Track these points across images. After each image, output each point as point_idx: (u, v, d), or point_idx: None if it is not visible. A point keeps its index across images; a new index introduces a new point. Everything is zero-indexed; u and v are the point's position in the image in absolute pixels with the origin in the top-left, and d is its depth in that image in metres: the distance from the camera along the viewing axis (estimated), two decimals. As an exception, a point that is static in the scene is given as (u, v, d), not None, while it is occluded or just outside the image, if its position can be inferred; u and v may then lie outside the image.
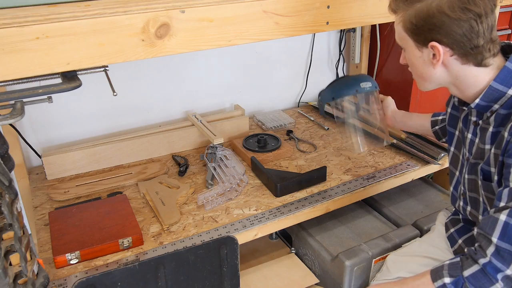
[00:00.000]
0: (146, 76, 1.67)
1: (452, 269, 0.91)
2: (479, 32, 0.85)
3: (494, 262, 0.86)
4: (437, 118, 1.33)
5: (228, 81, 1.87)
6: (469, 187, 1.05)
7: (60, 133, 1.61)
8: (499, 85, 0.91)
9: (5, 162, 0.78)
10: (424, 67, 0.94)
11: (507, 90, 0.90)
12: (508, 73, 0.90)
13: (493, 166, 0.94)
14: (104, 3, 0.91)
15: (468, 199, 1.07)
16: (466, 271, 0.89)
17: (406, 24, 0.91)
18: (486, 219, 0.89)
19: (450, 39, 0.87)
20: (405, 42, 0.95)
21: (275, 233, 1.57)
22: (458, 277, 0.89)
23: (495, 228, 0.87)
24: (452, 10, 0.84)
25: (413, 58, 0.95)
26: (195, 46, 0.93)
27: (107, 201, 1.34)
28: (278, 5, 1.00)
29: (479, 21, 0.85)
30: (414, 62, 0.96)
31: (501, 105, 0.92)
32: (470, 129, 1.03)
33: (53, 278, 1.08)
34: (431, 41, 0.89)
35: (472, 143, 1.02)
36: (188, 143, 1.68)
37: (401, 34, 0.95)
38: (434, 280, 0.92)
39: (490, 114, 0.94)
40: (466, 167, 1.05)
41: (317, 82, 2.11)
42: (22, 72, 0.79)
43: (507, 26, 2.04)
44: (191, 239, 1.20)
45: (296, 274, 1.39)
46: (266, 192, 1.40)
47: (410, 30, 0.91)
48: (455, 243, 1.16)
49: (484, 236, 0.89)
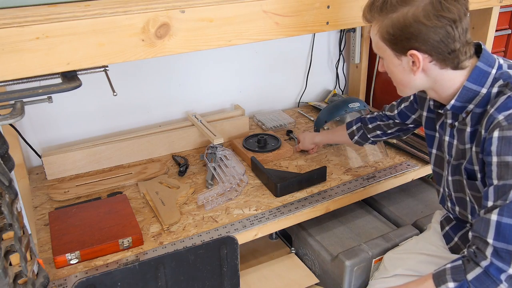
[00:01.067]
0: (146, 76, 1.67)
1: (455, 273, 0.91)
2: (455, 36, 0.87)
3: (496, 263, 0.86)
4: (352, 129, 1.42)
5: (228, 81, 1.87)
6: (454, 188, 1.06)
7: (60, 133, 1.61)
8: (472, 85, 0.93)
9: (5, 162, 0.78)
10: (404, 74, 0.95)
11: (480, 89, 0.92)
12: (480, 72, 0.92)
13: (475, 164, 0.95)
14: (104, 3, 0.91)
15: (455, 200, 1.08)
16: (469, 274, 0.89)
17: (383, 34, 0.92)
18: (479, 221, 0.90)
19: (428, 46, 0.88)
20: (383, 51, 0.95)
21: (275, 233, 1.57)
22: (463, 282, 0.89)
23: (489, 229, 0.87)
24: (427, 19, 0.85)
25: (392, 66, 0.96)
26: (195, 46, 0.93)
27: (107, 201, 1.33)
28: (278, 5, 1.00)
29: (454, 26, 0.86)
30: (394, 70, 0.97)
31: (475, 104, 0.93)
32: (447, 132, 1.04)
33: (53, 278, 1.08)
34: (410, 50, 0.90)
35: (450, 145, 1.04)
36: (188, 143, 1.68)
37: (378, 44, 0.95)
38: (438, 285, 0.92)
39: (465, 115, 0.96)
40: (448, 169, 1.06)
41: (317, 82, 2.11)
42: (22, 72, 0.79)
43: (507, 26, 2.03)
44: (191, 239, 1.20)
45: (296, 274, 1.39)
46: (266, 192, 1.40)
47: (388, 40, 0.92)
48: (451, 241, 1.17)
49: (480, 239, 0.89)
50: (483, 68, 0.92)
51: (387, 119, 1.33)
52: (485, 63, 0.93)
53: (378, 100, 2.09)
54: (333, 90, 2.13)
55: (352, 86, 2.15)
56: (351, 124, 1.42)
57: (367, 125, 1.38)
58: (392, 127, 1.33)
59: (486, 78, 0.92)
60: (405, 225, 1.45)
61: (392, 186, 1.51)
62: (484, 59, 0.93)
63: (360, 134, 1.40)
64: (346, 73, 2.17)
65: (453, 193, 1.08)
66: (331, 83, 2.17)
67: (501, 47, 2.11)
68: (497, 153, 0.86)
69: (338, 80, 2.15)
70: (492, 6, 1.50)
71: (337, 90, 2.17)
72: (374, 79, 2.06)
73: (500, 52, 2.12)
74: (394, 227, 1.45)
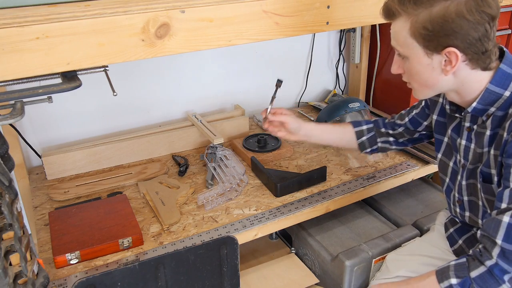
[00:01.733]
0: (146, 76, 1.67)
1: (458, 270, 0.91)
2: (490, 35, 0.84)
3: (501, 264, 0.86)
4: (361, 128, 1.28)
5: (228, 81, 1.87)
6: (468, 191, 1.04)
7: (60, 133, 1.61)
8: (495, 87, 0.90)
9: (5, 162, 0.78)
10: (432, 75, 0.90)
11: (503, 92, 0.90)
12: (503, 75, 0.90)
13: (493, 168, 0.93)
14: (104, 3, 0.91)
15: (467, 205, 1.06)
16: (473, 272, 0.89)
17: (418, 29, 0.85)
18: (489, 221, 0.89)
19: (466, 44, 0.84)
20: (410, 49, 0.89)
21: (275, 233, 1.57)
22: (465, 278, 0.89)
23: (499, 230, 0.86)
24: (471, 13, 0.81)
25: (419, 66, 0.90)
26: (195, 46, 0.93)
27: (107, 201, 1.33)
28: (278, 5, 1.00)
29: (492, 23, 0.83)
30: (420, 70, 0.91)
31: (497, 107, 0.91)
32: (463, 135, 1.01)
33: (53, 278, 1.08)
34: (447, 47, 0.84)
35: (467, 149, 1.01)
36: (188, 143, 1.68)
37: (406, 41, 0.88)
38: (440, 280, 0.91)
39: (486, 118, 0.93)
40: (462, 174, 1.04)
41: (317, 82, 2.11)
42: (22, 72, 0.79)
43: (507, 26, 2.03)
44: (191, 239, 1.20)
45: (296, 274, 1.39)
46: (266, 192, 1.40)
47: (422, 36, 0.85)
48: (455, 243, 1.16)
49: (488, 238, 0.88)
50: (507, 71, 0.90)
51: (398, 127, 1.26)
52: (509, 66, 0.90)
53: (378, 100, 2.09)
54: (333, 90, 2.13)
55: (352, 86, 2.15)
56: (360, 124, 1.30)
57: (380, 128, 1.29)
58: (404, 136, 1.26)
59: (510, 81, 0.89)
60: (405, 225, 1.45)
61: (392, 186, 1.51)
62: (508, 62, 0.90)
63: (370, 136, 1.28)
64: (346, 73, 2.17)
65: (465, 198, 1.06)
66: (331, 83, 2.17)
67: (501, 47, 2.11)
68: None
69: (338, 80, 2.15)
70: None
71: (337, 90, 2.17)
72: (374, 79, 2.05)
73: (500, 52, 2.12)
74: (394, 227, 1.45)
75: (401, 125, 1.26)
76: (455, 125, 1.05)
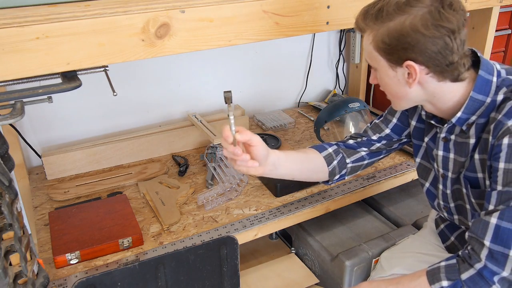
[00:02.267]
0: (146, 76, 1.67)
1: (449, 272, 0.91)
2: (453, 48, 0.84)
3: (490, 266, 0.86)
4: (328, 151, 1.13)
5: (228, 81, 1.87)
6: (454, 198, 1.04)
7: (60, 133, 1.61)
8: (478, 95, 0.90)
9: (5, 162, 0.78)
10: (399, 87, 0.92)
11: (486, 99, 0.90)
12: (483, 81, 0.90)
13: (479, 172, 0.93)
14: (104, 3, 0.91)
15: (454, 210, 1.06)
16: (463, 274, 0.89)
17: (378, 44, 0.88)
18: (477, 223, 0.89)
19: (425, 57, 0.85)
20: (377, 62, 0.92)
21: (275, 233, 1.57)
22: (456, 281, 0.89)
23: (486, 231, 0.87)
24: (426, 28, 0.82)
25: (387, 78, 0.92)
26: (195, 46, 0.93)
27: (107, 201, 1.33)
28: (278, 5, 1.00)
29: (452, 37, 0.83)
30: (388, 82, 0.93)
31: (478, 115, 0.91)
32: (440, 146, 1.01)
33: (53, 278, 1.08)
34: (406, 60, 0.86)
35: (446, 159, 1.01)
36: (188, 143, 1.68)
37: (372, 54, 0.91)
38: (431, 282, 0.91)
39: (466, 128, 0.93)
40: (444, 183, 1.04)
41: (317, 82, 2.11)
42: (22, 72, 0.79)
43: (507, 26, 2.04)
44: (191, 239, 1.20)
45: (296, 274, 1.39)
46: (266, 192, 1.40)
47: (383, 50, 0.88)
48: (447, 240, 1.17)
49: (476, 240, 0.89)
50: (485, 77, 0.90)
51: (376, 142, 1.17)
52: (486, 71, 0.91)
53: (378, 100, 2.09)
54: (333, 90, 2.13)
55: (352, 86, 2.15)
56: (323, 147, 1.14)
57: (348, 148, 1.17)
58: (381, 149, 1.18)
59: (490, 87, 0.90)
60: (405, 225, 1.45)
61: (392, 186, 1.51)
62: (484, 67, 0.91)
63: (339, 159, 1.13)
64: (346, 73, 2.17)
65: (451, 204, 1.06)
66: (331, 83, 2.17)
67: (501, 47, 2.11)
68: (505, 160, 0.84)
69: (338, 80, 2.15)
70: (492, 6, 1.50)
71: (337, 90, 2.17)
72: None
73: (500, 52, 2.12)
74: (394, 227, 1.45)
75: (381, 139, 1.17)
76: (432, 135, 1.05)
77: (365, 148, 1.17)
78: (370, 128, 1.19)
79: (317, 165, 1.11)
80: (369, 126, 1.20)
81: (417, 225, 1.43)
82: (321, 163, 1.12)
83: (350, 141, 1.19)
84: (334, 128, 1.73)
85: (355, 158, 1.16)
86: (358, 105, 1.58)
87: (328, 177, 1.14)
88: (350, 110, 1.56)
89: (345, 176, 1.18)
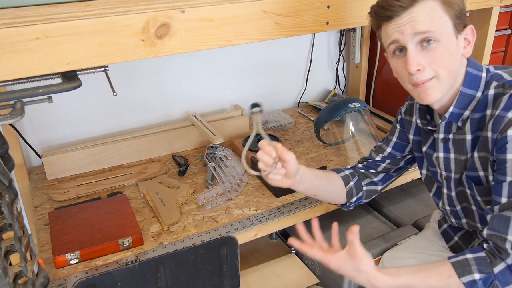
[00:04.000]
0: (146, 76, 1.67)
1: (480, 265, 0.89)
2: None
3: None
4: (345, 173, 1.16)
5: (228, 81, 1.87)
6: (459, 200, 1.04)
7: (60, 133, 1.61)
8: (468, 90, 0.92)
9: (5, 162, 0.78)
10: (458, 58, 0.90)
11: (475, 93, 0.92)
12: (472, 77, 0.92)
13: (480, 170, 0.94)
14: (104, 3, 0.91)
15: (461, 213, 1.06)
16: (495, 268, 0.88)
17: (450, 5, 0.85)
18: (496, 219, 0.88)
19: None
20: (443, 29, 0.85)
21: (275, 233, 1.57)
22: (490, 275, 0.88)
23: (509, 227, 0.86)
24: None
25: (451, 47, 0.87)
26: (195, 46, 0.93)
27: (107, 201, 1.33)
28: (278, 5, 1.00)
29: None
30: (452, 52, 0.88)
31: (471, 110, 0.92)
32: (439, 148, 1.01)
33: (53, 278, 1.08)
34: (467, 25, 0.87)
35: (447, 160, 1.01)
36: (188, 143, 1.68)
37: (441, 20, 0.85)
38: (461, 275, 0.88)
39: (462, 123, 0.94)
40: (448, 186, 1.04)
41: (317, 82, 2.11)
42: (22, 72, 0.79)
43: (507, 26, 2.03)
44: (191, 239, 1.20)
45: (296, 274, 1.39)
46: (266, 192, 1.40)
47: (454, 13, 0.85)
48: (450, 239, 1.16)
49: (498, 237, 0.88)
50: (474, 73, 0.92)
51: (381, 162, 1.19)
52: (474, 68, 0.93)
53: (378, 100, 2.09)
54: (333, 90, 2.13)
55: (352, 86, 2.15)
56: (340, 170, 1.17)
57: (360, 170, 1.19)
58: (388, 170, 1.20)
59: (479, 82, 0.92)
60: (405, 225, 1.45)
61: (392, 186, 1.51)
62: (472, 64, 0.93)
63: (355, 181, 1.16)
64: (346, 73, 2.17)
65: (458, 207, 1.05)
66: (331, 83, 2.17)
67: (501, 47, 2.11)
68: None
69: (338, 80, 2.15)
70: (492, 6, 1.50)
71: (337, 90, 2.17)
72: (374, 79, 2.06)
73: (500, 52, 2.12)
74: (394, 227, 1.45)
75: (384, 159, 1.19)
76: (429, 143, 1.05)
77: (372, 170, 1.19)
78: (374, 151, 1.22)
79: (336, 184, 1.14)
80: (373, 149, 1.22)
81: (417, 225, 1.43)
82: (339, 182, 1.15)
83: (359, 165, 1.22)
84: (334, 128, 1.73)
85: (368, 181, 1.18)
86: (358, 105, 1.58)
87: (346, 198, 1.16)
88: (350, 110, 1.57)
89: (362, 200, 1.19)
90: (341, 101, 1.60)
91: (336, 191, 1.15)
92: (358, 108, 1.58)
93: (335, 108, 1.59)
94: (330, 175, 1.15)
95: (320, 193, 1.14)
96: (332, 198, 1.17)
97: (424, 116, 1.04)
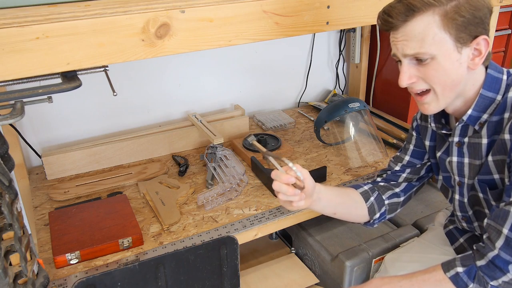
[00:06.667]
0: (146, 76, 1.67)
1: (464, 259, 0.91)
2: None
3: (503, 256, 0.86)
4: (364, 188, 1.13)
5: (228, 81, 1.87)
6: (471, 205, 1.04)
7: (60, 133, 1.61)
8: (488, 92, 0.91)
9: (5, 162, 0.78)
10: (458, 71, 0.86)
11: (495, 96, 0.90)
12: (492, 79, 0.91)
13: (495, 173, 0.93)
14: (104, 3, 0.91)
15: (473, 217, 1.06)
16: (478, 261, 0.89)
17: (453, 18, 0.81)
18: (498, 211, 0.89)
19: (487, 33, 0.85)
20: (440, 45, 0.83)
21: (275, 233, 1.57)
22: (471, 266, 0.89)
23: (506, 220, 0.86)
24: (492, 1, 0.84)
25: (448, 63, 0.85)
26: (195, 46, 0.93)
27: (107, 201, 1.34)
28: (278, 5, 1.00)
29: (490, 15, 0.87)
30: (449, 67, 0.85)
31: (490, 113, 0.91)
32: (453, 152, 1.01)
33: (53, 278, 1.08)
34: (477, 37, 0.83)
35: (460, 165, 1.00)
36: (188, 143, 1.68)
37: (437, 37, 0.82)
38: (446, 270, 0.91)
39: (479, 127, 0.93)
40: (461, 191, 1.04)
41: (317, 82, 2.11)
42: (22, 72, 0.79)
43: (507, 26, 2.04)
44: (191, 239, 1.20)
45: (296, 274, 1.39)
46: (266, 192, 1.40)
47: (456, 27, 0.82)
48: (455, 241, 1.16)
49: (494, 228, 0.88)
50: (495, 75, 0.91)
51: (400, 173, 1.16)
52: (495, 70, 0.91)
53: (378, 100, 2.09)
54: (333, 90, 2.13)
55: (352, 86, 2.15)
56: (359, 185, 1.14)
57: (380, 183, 1.16)
58: (409, 180, 1.17)
59: (499, 85, 0.90)
60: (405, 225, 1.45)
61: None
62: (493, 66, 0.91)
63: (376, 196, 1.12)
64: (346, 73, 2.17)
65: (470, 212, 1.05)
66: (331, 83, 2.17)
67: (501, 47, 2.11)
68: None
69: (338, 80, 2.15)
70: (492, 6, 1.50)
71: (337, 90, 2.17)
72: (374, 79, 2.06)
73: (500, 52, 2.12)
74: (394, 227, 1.45)
75: (404, 168, 1.16)
76: (444, 148, 1.05)
77: (392, 181, 1.16)
78: (392, 161, 1.19)
79: (356, 200, 1.11)
80: (392, 160, 1.20)
81: (417, 225, 1.43)
82: (359, 198, 1.11)
83: (378, 178, 1.19)
84: (334, 128, 1.73)
85: (389, 194, 1.14)
86: (358, 105, 1.58)
87: (368, 216, 1.12)
88: (350, 110, 1.56)
89: (385, 215, 1.15)
90: (341, 101, 1.60)
91: (356, 207, 1.11)
92: (358, 108, 1.58)
93: (335, 108, 1.59)
94: (348, 192, 1.12)
95: (339, 210, 1.09)
96: (353, 215, 1.13)
97: (439, 119, 1.03)
